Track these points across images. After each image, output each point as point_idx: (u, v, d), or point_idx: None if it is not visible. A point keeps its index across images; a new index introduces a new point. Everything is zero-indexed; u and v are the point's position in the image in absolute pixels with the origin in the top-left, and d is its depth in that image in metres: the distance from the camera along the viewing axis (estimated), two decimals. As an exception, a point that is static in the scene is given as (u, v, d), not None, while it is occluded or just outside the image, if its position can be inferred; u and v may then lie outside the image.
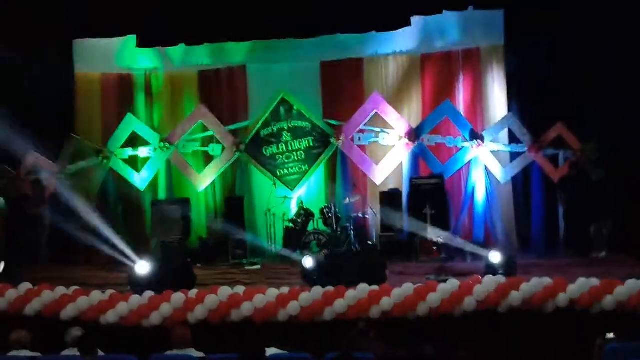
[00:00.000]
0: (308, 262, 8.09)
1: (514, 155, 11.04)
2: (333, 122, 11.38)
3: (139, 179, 11.17)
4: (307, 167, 11.34)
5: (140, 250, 9.49)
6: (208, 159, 11.48)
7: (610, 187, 9.89)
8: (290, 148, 11.36)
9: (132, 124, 11.20)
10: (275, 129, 11.38)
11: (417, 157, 11.18)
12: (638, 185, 9.92)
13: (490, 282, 7.15)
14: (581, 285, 6.91)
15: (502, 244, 10.21)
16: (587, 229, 9.92)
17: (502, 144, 11.05)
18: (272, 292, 7.28)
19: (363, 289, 7.20)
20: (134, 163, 11.27)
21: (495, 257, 8.04)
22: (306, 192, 11.41)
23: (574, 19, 10.15)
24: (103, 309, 7.17)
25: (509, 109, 11.12)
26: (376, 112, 11.18)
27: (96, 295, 7.35)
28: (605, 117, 10.13)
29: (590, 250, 9.82)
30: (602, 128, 10.23)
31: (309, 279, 7.95)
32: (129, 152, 11.17)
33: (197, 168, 11.41)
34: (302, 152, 11.35)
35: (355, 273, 7.70)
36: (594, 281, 6.91)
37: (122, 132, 11.17)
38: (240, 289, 7.42)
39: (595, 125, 10.27)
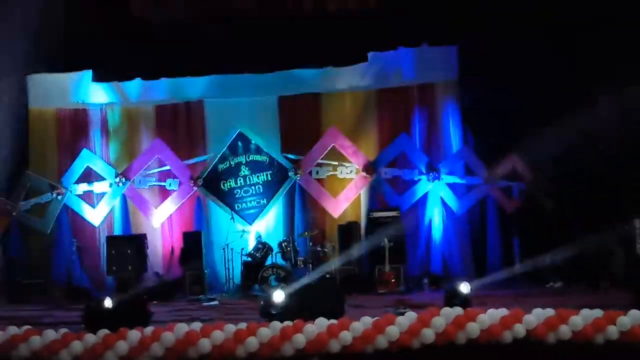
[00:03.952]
0: (264, 297, 8.04)
1: (469, 188, 11.23)
2: (291, 156, 11.43)
3: (94, 215, 11.02)
4: (265, 201, 11.33)
5: (96, 287, 9.34)
6: (165, 194, 11.40)
7: (563, 217, 10.09)
8: (248, 182, 11.35)
9: (87, 159, 11.09)
10: (233, 163, 11.38)
11: (375, 190, 11.28)
12: (590, 215, 10.14)
13: (448, 314, 7.17)
14: (537, 315, 6.98)
15: (458, 276, 10.31)
16: (541, 259, 10.09)
17: (457, 177, 11.22)
18: (230, 328, 7.18)
19: (321, 323, 7.16)
20: (90, 199, 11.12)
21: (449, 288, 8.10)
22: (264, 226, 11.39)
23: (526, 52, 10.42)
24: (56, 349, 6.99)
25: (464, 142, 11.32)
26: (334, 146, 11.28)
27: (49, 335, 7.17)
28: (556, 149, 10.37)
29: (545, 280, 9.98)
30: (554, 159, 10.47)
31: (267, 314, 7.88)
32: (84, 187, 11.03)
33: (153, 203, 11.31)
34: (260, 186, 11.35)
35: (315, 307, 7.66)
36: (550, 311, 6.99)
37: (77, 168, 11.05)
38: (197, 326, 7.31)
39: (547, 156, 10.51)
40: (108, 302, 7.78)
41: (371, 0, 10.12)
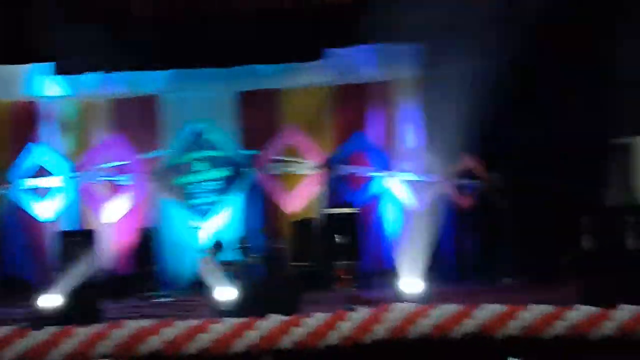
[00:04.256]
0: (221, 293, 7.99)
1: (424, 185, 11.30)
2: (248, 152, 11.37)
3: (44, 210, 10.82)
4: (221, 197, 11.25)
5: (45, 283, 9.15)
6: (119, 189, 11.23)
7: (515, 215, 10.25)
8: (204, 178, 11.27)
9: (37, 153, 10.87)
10: (189, 158, 11.29)
11: (331, 187, 11.29)
12: (541, 213, 10.32)
13: (399, 310, 7.23)
14: (487, 311, 7.07)
15: (413, 273, 10.39)
16: (494, 256, 10.25)
17: (413, 174, 11.30)
18: (182, 325, 7.14)
19: (274, 319, 7.16)
20: (39, 193, 10.91)
21: (404, 285, 8.16)
22: (219, 222, 11.29)
23: (486, 51, 10.52)
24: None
25: (420, 140, 11.39)
26: (291, 143, 11.26)
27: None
28: (512, 147, 10.54)
29: (497, 276, 10.11)
30: (512, 158, 10.62)
31: (221, 310, 7.83)
32: (34, 182, 10.81)
33: (106, 198, 11.14)
34: (216, 182, 11.27)
35: (269, 303, 7.65)
36: (499, 307, 7.08)
37: (27, 162, 10.82)
38: (148, 322, 7.23)
39: (502, 154, 10.67)
40: (55, 299, 7.67)
41: None
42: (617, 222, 8.03)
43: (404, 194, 11.23)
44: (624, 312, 6.60)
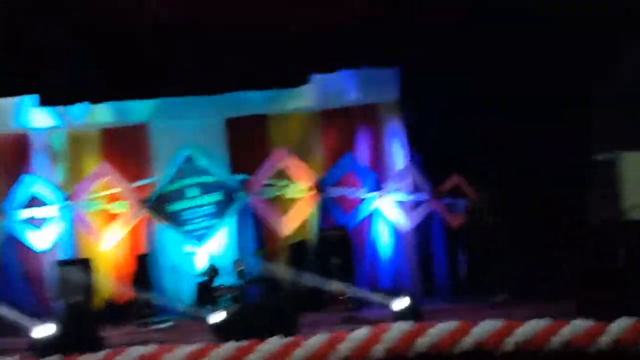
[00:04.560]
0: (216, 317, 8.04)
1: (414, 205, 11.48)
2: (239, 177, 11.47)
3: (40, 240, 10.83)
4: (214, 221, 11.34)
5: (44, 313, 9.18)
6: (112, 217, 11.29)
7: (505, 232, 10.42)
8: (197, 203, 11.35)
9: (30, 184, 10.90)
10: (181, 184, 11.37)
11: (322, 209, 11.42)
12: (532, 229, 10.50)
13: (398, 329, 7.31)
14: (485, 327, 7.17)
15: (407, 291, 10.51)
16: (487, 273, 10.40)
17: (403, 194, 11.46)
18: (182, 350, 7.16)
19: (275, 341, 7.21)
20: (35, 224, 10.93)
21: (400, 304, 8.24)
22: (214, 246, 11.38)
23: (467, 71, 10.76)
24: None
25: (409, 161, 11.57)
26: (281, 166, 11.39)
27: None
28: (499, 165, 10.74)
29: (491, 293, 10.26)
30: (497, 176, 10.82)
31: (222, 334, 7.89)
32: (29, 213, 10.83)
33: (101, 227, 11.20)
34: (209, 207, 11.36)
35: (267, 326, 7.70)
36: (496, 323, 7.19)
37: (20, 193, 10.85)
38: (151, 348, 7.26)
39: (490, 173, 10.86)
40: (54, 328, 7.69)
41: (316, 23, 10.30)
42: (608, 238, 8.21)
43: (394, 214, 11.39)
44: (619, 326, 6.72)
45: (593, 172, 10.86)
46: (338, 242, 10.96)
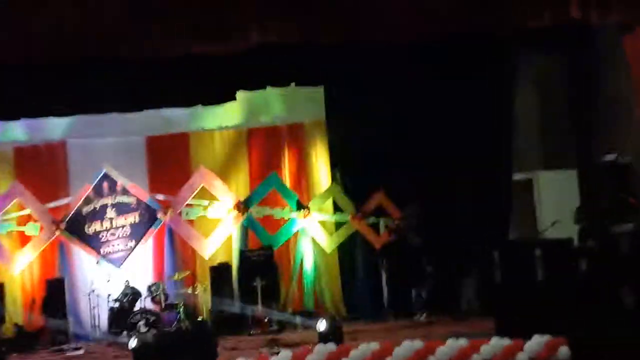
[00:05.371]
0: (132, 343, 7.79)
1: (338, 224, 11.46)
2: (159, 197, 11.21)
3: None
4: (133, 243, 11.00)
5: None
6: (24, 239, 10.82)
7: (427, 252, 10.51)
8: (114, 225, 11.00)
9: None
10: (98, 205, 11.00)
11: (246, 229, 11.26)
12: (452, 249, 10.63)
13: (321, 351, 7.24)
14: (406, 347, 7.18)
15: (330, 312, 10.50)
16: (408, 292, 10.46)
17: (327, 214, 11.43)
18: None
19: (195, 367, 7.03)
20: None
21: (322, 325, 8.19)
22: (133, 270, 11.02)
23: (392, 91, 10.86)
24: None
25: (333, 180, 11.56)
26: (203, 186, 11.19)
27: None
28: (423, 185, 10.87)
29: (412, 313, 10.32)
30: (420, 196, 10.92)
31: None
32: None
33: (12, 249, 10.71)
34: (127, 229, 11.02)
35: (186, 351, 7.51)
36: (418, 343, 7.21)
37: None
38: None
39: (413, 193, 10.96)
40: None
41: (242, 44, 10.19)
42: (525, 256, 8.36)
43: (318, 233, 11.33)
44: (535, 343, 6.86)
45: (512, 192, 11.08)
46: (262, 263, 10.80)
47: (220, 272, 10.94)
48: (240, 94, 11.36)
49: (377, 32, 9.85)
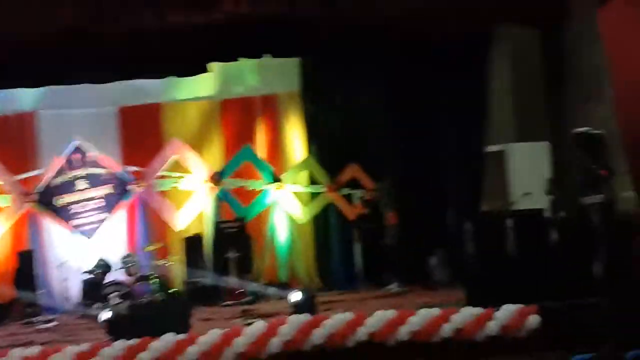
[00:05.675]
0: (105, 315, 7.77)
1: (312, 196, 11.47)
2: (132, 169, 11.12)
3: None
4: (105, 215, 10.93)
5: None
6: (-6, 211, 10.72)
7: (400, 222, 10.58)
8: (86, 197, 10.91)
9: None
10: (69, 177, 10.89)
11: (219, 201, 11.24)
12: (425, 221, 10.73)
13: (294, 322, 7.29)
14: (378, 317, 7.25)
15: (304, 283, 10.57)
16: (381, 263, 10.56)
17: (301, 185, 11.44)
18: (70, 350, 6.88)
19: (167, 339, 7.04)
20: None
21: (296, 296, 8.24)
22: (104, 242, 10.95)
23: (367, 63, 10.83)
24: None
25: (308, 152, 11.55)
26: (176, 158, 11.12)
27: None
28: (397, 157, 10.91)
29: (385, 283, 10.41)
30: (394, 167, 10.97)
31: (112, 332, 7.61)
32: None
33: (-18, 221, 10.61)
34: (99, 200, 10.94)
35: (160, 323, 7.50)
36: (390, 313, 7.28)
37: None
38: (34, 350, 6.94)
39: (388, 164, 11.01)
40: None
41: (216, 14, 10.09)
42: (495, 227, 8.46)
43: (292, 205, 11.34)
44: (505, 312, 6.97)
45: (485, 163, 11.17)
46: (235, 235, 10.80)
47: (193, 243, 10.92)
48: (214, 65, 11.26)
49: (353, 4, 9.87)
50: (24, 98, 11.03)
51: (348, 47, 10.74)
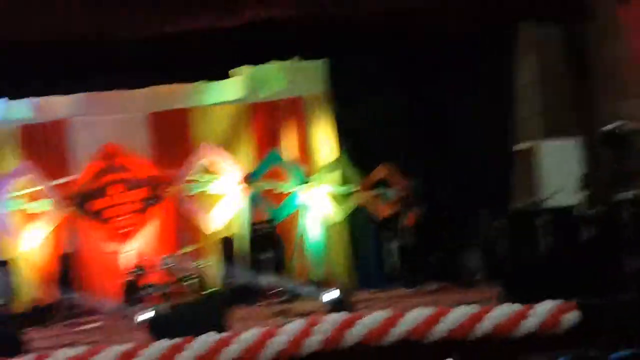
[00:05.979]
0: (145, 316, 7.93)
1: (346, 196, 11.55)
2: (163, 173, 11.29)
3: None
4: (139, 218, 11.12)
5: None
6: (33, 217, 10.91)
7: (434, 221, 10.63)
8: (121, 200, 11.11)
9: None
10: (104, 181, 11.10)
11: (250, 203, 11.36)
12: (457, 219, 10.76)
13: (330, 321, 7.37)
14: (414, 315, 7.31)
15: (339, 282, 10.66)
16: (415, 262, 10.60)
17: (333, 186, 11.52)
18: (113, 351, 7.03)
19: (207, 339, 7.16)
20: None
21: (332, 295, 8.32)
22: (141, 244, 11.14)
23: (395, 64, 10.89)
24: None
25: (339, 152, 11.62)
26: (207, 161, 11.28)
27: None
28: (427, 156, 10.96)
29: (419, 282, 10.46)
30: (425, 167, 11.02)
31: (152, 333, 7.76)
32: None
33: (21, 227, 10.82)
34: (133, 204, 11.14)
35: (199, 323, 7.63)
36: (426, 310, 7.34)
37: None
38: (80, 350, 7.10)
39: (418, 163, 11.06)
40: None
41: (244, 16, 10.22)
42: (528, 224, 8.47)
43: (325, 204, 11.44)
44: (542, 309, 6.99)
45: (514, 161, 11.18)
46: (267, 236, 10.93)
47: (227, 245, 11.07)
48: (242, 69, 11.39)
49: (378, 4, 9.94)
50: (57, 106, 11.24)
51: (374, 47, 10.81)
